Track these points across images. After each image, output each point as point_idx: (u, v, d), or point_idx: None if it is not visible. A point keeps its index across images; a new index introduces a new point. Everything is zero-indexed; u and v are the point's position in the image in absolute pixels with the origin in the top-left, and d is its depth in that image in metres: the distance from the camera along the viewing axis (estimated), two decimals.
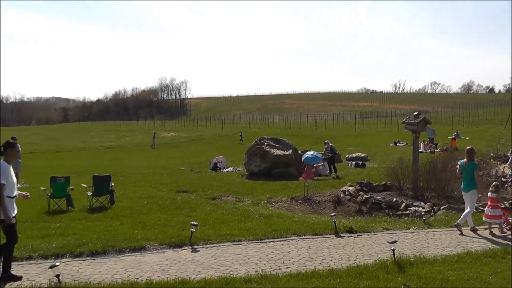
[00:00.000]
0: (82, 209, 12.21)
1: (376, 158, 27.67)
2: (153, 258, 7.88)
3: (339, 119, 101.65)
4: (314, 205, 13.52)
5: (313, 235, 9.54)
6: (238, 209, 12.29)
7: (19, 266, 7.36)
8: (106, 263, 7.65)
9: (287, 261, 7.77)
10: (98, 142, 63.59)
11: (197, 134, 72.70)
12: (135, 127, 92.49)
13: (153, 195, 14.50)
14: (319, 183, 17.24)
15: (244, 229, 9.79)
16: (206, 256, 8.03)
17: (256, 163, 20.62)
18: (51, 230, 9.67)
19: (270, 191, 15.49)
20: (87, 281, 6.68)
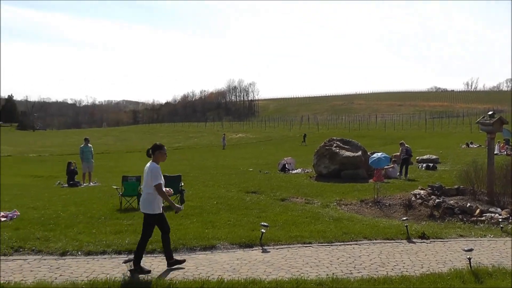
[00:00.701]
0: None
1: (448, 160, 26.69)
2: (224, 257, 7.96)
3: (408, 119, 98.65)
4: (384, 208, 13.18)
5: (384, 239, 9.29)
6: (308, 211, 12.20)
7: (94, 260, 7.72)
8: None
9: (358, 265, 7.61)
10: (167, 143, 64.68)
11: (265, 135, 73.08)
12: (203, 129, 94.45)
13: (222, 195, 14.71)
14: (389, 185, 16.83)
15: (314, 231, 9.70)
16: (277, 257, 8.01)
17: (325, 164, 20.46)
18: (123, 227, 10.03)
19: (339, 193, 15.29)
20: (159, 277, 6.85)
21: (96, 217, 11.06)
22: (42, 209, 12.13)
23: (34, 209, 12.24)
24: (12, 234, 9.09)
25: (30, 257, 7.89)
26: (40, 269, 7.25)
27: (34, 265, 7.48)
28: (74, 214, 11.40)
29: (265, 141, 63.94)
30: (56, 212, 11.67)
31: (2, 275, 6.96)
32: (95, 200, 13.80)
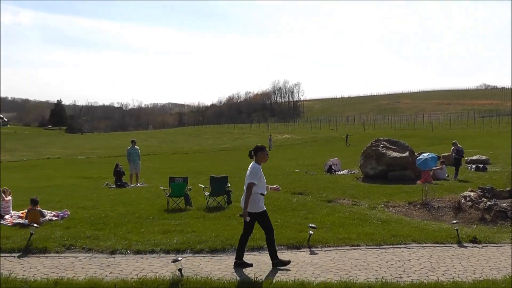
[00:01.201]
0: (199, 208, 12.71)
1: (499, 161, 25.71)
2: None
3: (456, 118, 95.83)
4: (433, 211, 12.80)
5: (434, 243, 9.00)
6: (355, 212, 12.03)
7: (143, 259, 7.89)
8: (226, 260, 7.86)
9: (408, 269, 7.41)
10: (212, 145, 66.34)
11: (311, 136, 72.74)
12: (248, 130, 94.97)
13: (269, 196, 14.64)
14: (437, 187, 16.35)
15: (362, 233, 9.56)
16: (325, 259, 7.93)
17: (371, 165, 20.13)
18: (171, 227, 10.18)
19: (387, 195, 15.00)
20: (208, 277, 6.90)
21: (144, 217, 11.30)
22: (91, 209, 12.51)
23: (83, 209, 12.64)
24: (63, 233, 9.41)
25: (81, 254, 8.17)
26: (91, 267, 7.49)
27: (85, 262, 7.73)
28: (123, 214, 11.69)
29: (311, 142, 63.64)
30: (105, 212, 12.00)
31: (55, 271, 7.22)
32: (143, 201, 14.10)
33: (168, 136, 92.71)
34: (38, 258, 7.98)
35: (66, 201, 14.20)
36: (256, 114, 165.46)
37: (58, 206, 12.85)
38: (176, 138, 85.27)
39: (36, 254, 8.23)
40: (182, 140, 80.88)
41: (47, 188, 18.99)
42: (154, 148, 57.92)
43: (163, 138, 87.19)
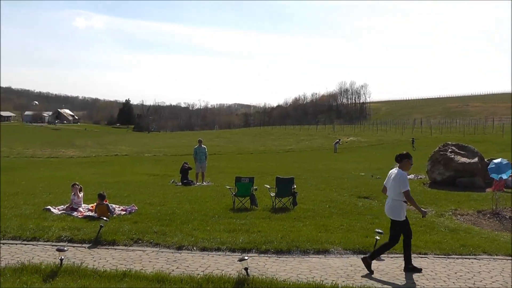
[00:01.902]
0: (265, 209, 12.77)
1: None
2: (337, 262, 7.90)
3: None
4: (504, 221, 12.16)
5: (506, 255, 8.57)
6: (422, 219, 11.65)
7: (209, 256, 8.05)
8: (291, 262, 7.87)
9: (478, 282, 7.11)
10: (278, 146, 66.48)
11: (377, 139, 71.22)
12: (314, 132, 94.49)
13: (335, 199, 14.58)
14: (509, 196, 15.57)
15: (430, 241, 9.29)
16: (391, 266, 7.82)
17: (439, 171, 19.50)
18: (237, 226, 10.29)
19: (455, 202, 14.48)
20: (273, 278, 6.91)
21: (210, 215, 11.50)
22: (158, 205, 12.86)
23: (150, 204, 13.01)
24: (131, 227, 9.76)
25: (148, 249, 8.46)
26: (158, 261, 7.73)
27: (152, 256, 8.00)
28: (189, 211, 11.94)
29: (377, 145, 62.30)
30: (172, 208, 12.31)
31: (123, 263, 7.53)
32: (208, 199, 14.34)
33: (233, 136, 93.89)
34: (107, 250, 8.35)
35: (133, 196, 14.70)
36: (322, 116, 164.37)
37: (126, 201, 13.35)
38: (242, 139, 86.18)
39: (105, 246, 8.61)
40: (248, 140, 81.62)
41: (115, 183, 19.74)
42: (220, 148, 58.81)
43: (228, 138, 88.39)
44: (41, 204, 12.69)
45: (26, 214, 11.25)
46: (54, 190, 16.46)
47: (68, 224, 10.08)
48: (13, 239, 8.97)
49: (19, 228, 9.54)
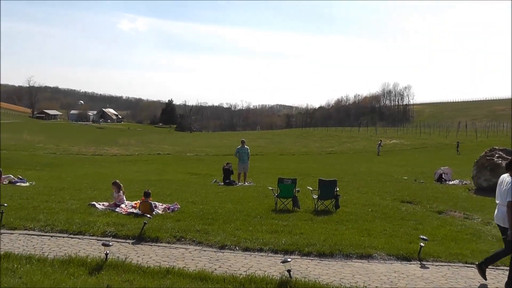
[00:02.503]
0: (307, 211, 12.71)
1: None
2: (381, 268, 7.80)
3: None
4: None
5: None
6: (468, 227, 11.40)
7: (251, 256, 8.09)
8: (334, 266, 7.82)
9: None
10: (319, 147, 66.11)
11: (420, 142, 69.60)
12: (356, 133, 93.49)
13: (377, 203, 14.38)
14: None
15: (476, 250, 9.00)
16: (436, 274, 7.65)
17: (485, 177, 18.84)
18: (279, 227, 10.28)
19: None
20: (316, 281, 6.89)
21: (252, 215, 11.53)
22: (200, 204, 13.00)
23: (193, 203, 13.18)
24: (174, 225, 9.91)
25: (191, 247, 8.57)
26: (201, 259, 7.83)
27: (195, 254, 8.11)
28: (231, 211, 12.01)
29: (420, 148, 60.91)
30: (214, 208, 12.41)
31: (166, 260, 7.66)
32: (251, 199, 14.38)
33: (275, 137, 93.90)
34: (150, 247, 8.51)
35: (176, 195, 14.91)
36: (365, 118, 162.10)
37: (169, 199, 13.55)
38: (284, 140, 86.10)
39: (148, 242, 8.78)
40: (290, 141, 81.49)
41: (158, 181, 20.08)
42: (262, 149, 58.93)
43: (270, 139, 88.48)
44: (87, 199, 13.07)
45: (72, 208, 11.61)
46: (99, 186, 16.91)
47: (113, 220, 10.32)
48: (60, 232, 9.30)
49: (66, 222, 9.86)
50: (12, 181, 18.15)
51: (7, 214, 10.09)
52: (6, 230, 9.37)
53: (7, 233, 9.19)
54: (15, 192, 14.38)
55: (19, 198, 13.11)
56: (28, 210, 11.14)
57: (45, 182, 18.94)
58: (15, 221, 9.87)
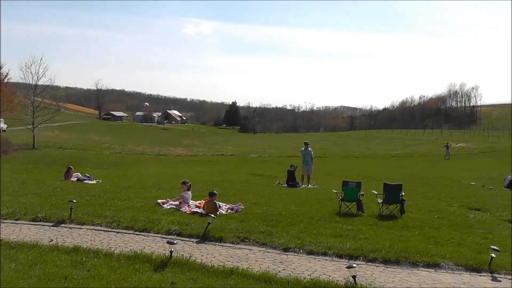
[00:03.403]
0: (371, 215, 12.46)
1: None
2: (449, 279, 7.51)
3: None
4: None
5: None
6: None
7: (315, 260, 7.99)
8: (400, 273, 7.60)
9: None
10: (383, 150, 64.77)
11: (488, 146, 66.43)
12: (421, 136, 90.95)
13: (443, 209, 13.87)
14: None
15: None
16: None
17: None
18: (343, 231, 10.13)
19: None
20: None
21: (316, 218, 11.42)
22: (263, 206, 13.02)
23: (256, 204, 13.22)
24: (238, 225, 9.98)
25: (255, 248, 8.59)
26: (264, 261, 7.83)
27: (259, 256, 8.12)
28: (295, 213, 11.95)
29: (488, 152, 58.15)
30: (277, 209, 12.39)
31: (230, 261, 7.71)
32: (314, 202, 14.27)
33: (339, 139, 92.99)
34: (214, 246, 8.61)
35: (239, 195, 15.02)
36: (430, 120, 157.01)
37: (233, 199, 13.67)
38: (347, 142, 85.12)
39: (212, 242, 8.89)
40: (353, 143, 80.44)
41: (221, 182, 20.31)
42: (325, 151, 58.43)
43: (334, 141, 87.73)
44: (151, 198, 13.41)
45: (137, 206, 11.96)
46: (163, 185, 17.31)
47: (177, 218, 10.53)
48: (126, 229, 9.61)
49: (131, 219, 10.16)
50: (80, 178, 18.98)
51: (76, 210, 10.57)
52: (75, 224, 9.83)
53: (76, 227, 9.64)
54: (82, 189, 15.03)
55: (86, 195, 13.69)
56: (95, 207, 11.60)
57: (111, 180, 19.61)
58: (83, 216, 10.33)
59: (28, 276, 6.35)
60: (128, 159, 38.67)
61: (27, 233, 9.07)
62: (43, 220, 10.04)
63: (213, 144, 72.30)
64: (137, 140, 70.60)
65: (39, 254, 7.39)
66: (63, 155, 36.35)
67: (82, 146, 49.54)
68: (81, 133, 73.02)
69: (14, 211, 10.55)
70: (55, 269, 6.71)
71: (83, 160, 32.46)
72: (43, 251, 7.58)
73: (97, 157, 37.49)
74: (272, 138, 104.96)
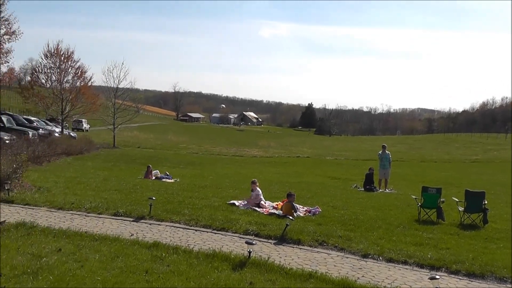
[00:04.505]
0: (452, 224, 11.89)
1: None
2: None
3: None
4: None
5: None
6: None
7: (395, 268, 7.69)
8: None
9: None
10: (462, 155, 62.02)
11: None
12: (503, 141, 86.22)
13: None
14: None
15: None
16: None
17: None
18: (424, 240, 9.71)
19: None
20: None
21: (395, 224, 11.06)
22: (341, 209, 12.81)
23: (333, 208, 13.03)
24: (315, 228, 9.83)
25: (333, 252, 8.40)
26: (343, 266, 7.63)
27: (337, 260, 7.93)
28: (373, 218, 11.65)
29: None
30: (355, 214, 12.14)
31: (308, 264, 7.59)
32: (392, 207, 13.87)
33: (416, 142, 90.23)
34: (292, 248, 8.51)
35: (316, 198, 14.88)
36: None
37: (309, 202, 13.55)
38: (425, 145, 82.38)
39: (290, 244, 8.79)
40: (431, 147, 77.71)
41: (297, 184, 20.24)
42: (402, 154, 56.84)
43: (411, 144, 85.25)
44: (228, 198, 13.55)
45: (214, 205, 12.11)
46: (239, 186, 17.46)
47: (254, 219, 10.54)
48: (204, 227, 9.71)
49: (209, 218, 10.28)
50: (158, 176, 19.56)
51: (155, 207, 10.83)
52: (154, 221, 10.07)
53: (155, 223, 9.88)
54: (161, 187, 15.47)
55: (165, 192, 14.07)
56: (174, 204, 11.86)
57: (188, 179, 20.04)
58: (162, 213, 10.57)
59: (111, 267, 6.56)
60: (204, 159, 39.50)
61: (109, 226, 9.42)
62: (124, 215, 10.40)
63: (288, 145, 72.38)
64: (214, 140, 72.07)
65: (121, 247, 7.63)
66: (141, 154, 37.77)
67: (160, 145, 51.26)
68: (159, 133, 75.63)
69: (97, 206, 11.00)
70: (136, 262, 6.90)
71: (161, 159, 33.52)
72: (125, 245, 7.82)
73: (174, 156, 38.58)
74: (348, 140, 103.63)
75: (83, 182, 15.39)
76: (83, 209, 10.73)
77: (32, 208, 10.74)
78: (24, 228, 8.48)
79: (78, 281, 5.96)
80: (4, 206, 10.71)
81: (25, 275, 6.01)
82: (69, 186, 14.13)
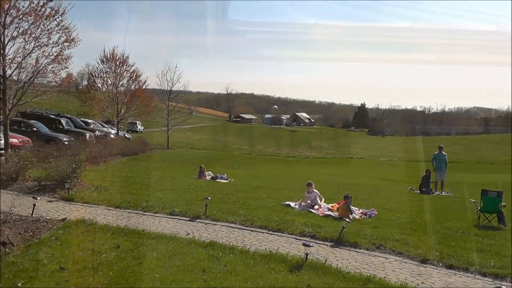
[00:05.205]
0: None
1: None
2: None
3: None
4: None
5: None
6: None
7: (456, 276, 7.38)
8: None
9: None
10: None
11: None
12: None
13: None
14: None
15: None
16: None
17: None
18: (485, 246, 9.26)
19: None
20: None
21: (453, 229, 10.64)
22: (397, 212, 12.51)
23: (389, 210, 12.74)
24: (372, 231, 9.63)
25: (391, 257, 8.17)
26: (402, 271, 7.41)
27: (395, 265, 7.71)
28: (430, 222, 11.26)
29: None
30: (412, 217, 11.83)
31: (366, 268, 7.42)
32: (449, 211, 13.41)
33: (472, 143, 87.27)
34: (349, 251, 8.36)
35: (371, 200, 14.61)
36: None
37: (365, 204, 13.30)
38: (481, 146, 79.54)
39: (347, 247, 8.63)
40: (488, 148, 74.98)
41: (352, 185, 19.95)
42: (457, 156, 55.00)
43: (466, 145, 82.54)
44: (282, 198, 13.49)
45: (269, 206, 12.09)
46: (294, 186, 17.35)
47: (310, 220, 10.43)
48: (260, 228, 9.69)
49: (264, 219, 10.25)
50: (213, 176, 19.71)
51: (210, 207, 10.90)
52: (209, 220, 10.13)
53: (211, 223, 9.93)
54: (215, 187, 15.59)
55: (219, 193, 14.13)
56: (229, 205, 11.90)
57: (242, 179, 20.12)
58: (217, 213, 10.62)
59: (168, 266, 6.66)
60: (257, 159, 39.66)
61: (166, 225, 9.54)
62: (179, 214, 10.52)
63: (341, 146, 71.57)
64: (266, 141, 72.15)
65: (178, 246, 7.73)
66: (194, 154, 38.32)
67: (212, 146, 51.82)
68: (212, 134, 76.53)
69: (153, 205, 11.18)
70: (193, 261, 6.97)
71: (214, 159, 33.90)
72: (181, 244, 7.92)
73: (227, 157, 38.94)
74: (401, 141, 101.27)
75: (139, 182, 15.71)
76: (139, 208, 10.95)
77: (91, 206, 11.07)
78: (84, 225, 8.76)
79: (136, 278, 6.10)
80: (65, 204, 11.14)
81: (86, 270, 6.20)
82: (125, 186, 14.48)
